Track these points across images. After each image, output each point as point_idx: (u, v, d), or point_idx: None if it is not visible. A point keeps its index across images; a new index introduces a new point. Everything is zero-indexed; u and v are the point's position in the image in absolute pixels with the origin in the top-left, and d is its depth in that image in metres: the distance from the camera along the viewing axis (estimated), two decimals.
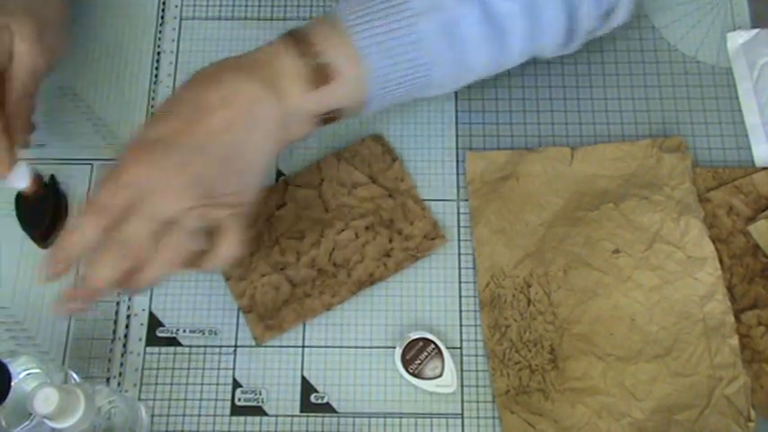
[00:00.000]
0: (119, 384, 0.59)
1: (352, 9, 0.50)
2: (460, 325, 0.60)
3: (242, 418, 0.58)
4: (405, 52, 0.51)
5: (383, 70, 0.51)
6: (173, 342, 0.60)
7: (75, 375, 0.53)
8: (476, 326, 0.60)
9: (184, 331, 0.61)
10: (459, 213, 0.63)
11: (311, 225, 0.62)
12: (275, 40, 0.52)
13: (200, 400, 0.59)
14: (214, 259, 0.51)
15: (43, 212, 0.62)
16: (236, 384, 0.59)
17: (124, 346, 0.60)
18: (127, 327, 0.61)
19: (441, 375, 0.57)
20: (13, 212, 0.63)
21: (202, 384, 0.59)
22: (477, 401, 0.58)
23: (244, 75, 0.50)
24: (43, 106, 0.67)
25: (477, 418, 0.58)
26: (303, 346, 0.60)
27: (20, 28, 0.52)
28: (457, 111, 0.67)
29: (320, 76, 0.50)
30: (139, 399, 0.59)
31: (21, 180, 0.57)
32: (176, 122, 0.48)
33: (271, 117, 0.49)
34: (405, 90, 0.53)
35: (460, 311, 0.61)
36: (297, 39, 0.50)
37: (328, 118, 0.52)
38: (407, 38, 0.50)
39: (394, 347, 0.59)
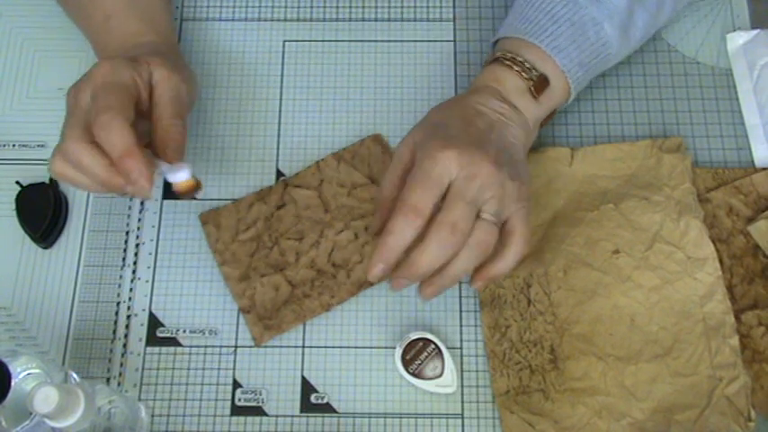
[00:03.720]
0: (119, 384, 0.59)
1: (542, 33, 0.57)
2: (460, 325, 0.60)
3: (242, 419, 0.58)
4: (594, 57, 0.59)
5: (580, 76, 0.59)
6: (173, 342, 0.60)
7: (75, 375, 0.53)
8: (476, 326, 0.60)
9: (184, 331, 0.61)
10: None
11: (311, 225, 0.62)
12: (488, 67, 0.59)
13: (201, 400, 0.59)
14: (507, 257, 0.53)
15: (43, 212, 0.62)
16: (236, 384, 0.59)
17: (124, 346, 0.60)
18: (127, 327, 0.61)
19: (441, 375, 0.57)
20: (14, 212, 0.63)
21: (202, 384, 0.59)
22: (478, 402, 0.58)
23: (484, 94, 0.56)
24: (44, 106, 0.68)
25: (477, 418, 0.58)
26: (303, 347, 0.60)
27: (153, 60, 0.56)
28: None
29: (541, 84, 0.57)
30: (139, 399, 0.59)
31: (175, 175, 0.54)
32: (453, 130, 0.53)
33: (518, 124, 0.56)
34: (590, 77, 0.61)
35: (460, 311, 0.61)
36: (511, 61, 0.57)
37: (546, 119, 0.60)
38: (596, 45, 0.58)
39: (394, 347, 0.59)
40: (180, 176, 0.53)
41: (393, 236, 0.50)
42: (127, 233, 0.64)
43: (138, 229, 0.64)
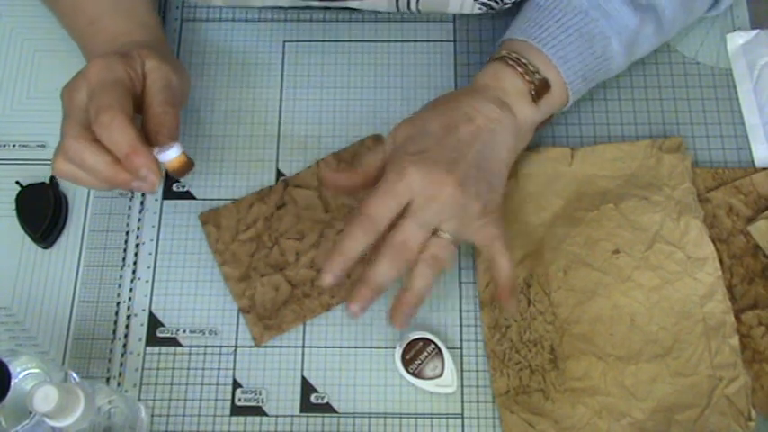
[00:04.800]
0: (119, 384, 0.59)
1: (550, 40, 0.57)
2: (460, 325, 0.60)
3: (242, 419, 0.58)
4: (597, 70, 0.59)
5: (581, 87, 0.59)
6: (173, 342, 0.60)
7: (74, 375, 0.53)
8: (476, 326, 0.60)
9: (184, 331, 0.61)
10: None
11: (311, 225, 0.62)
12: (491, 64, 0.58)
13: (200, 400, 0.59)
14: (499, 263, 0.55)
15: (43, 212, 0.62)
16: (236, 384, 0.59)
17: (124, 346, 0.60)
18: (127, 327, 0.61)
19: (441, 375, 0.57)
20: (14, 212, 0.63)
21: (202, 384, 0.59)
22: (478, 401, 0.58)
23: (479, 97, 0.56)
24: (44, 106, 0.68)
25: (477, 418, 0.58)
26: (303, 346, 0.60)
27: (143, 52, 0.56)
28: None
29: (542, 89, 0.57)
30: (139, 399, 0.59)
31: (166, 154, 0.53)
32: (430, 140, 0.54)
33: (508, 131, 0.56)
34: (589, 87, 0.61)
35: (460, 311, 0.61)
36: (515, 62, 0.57)
37: (542, 124, 0.60)
38: (600, 59, 0.59)
39: (394, 347, 0.59)
40: (171, 153, 0.53)
41: (346, 242, 0.51)
42: (127, 233, 0.64)
43: (138, 229, 0.64)
